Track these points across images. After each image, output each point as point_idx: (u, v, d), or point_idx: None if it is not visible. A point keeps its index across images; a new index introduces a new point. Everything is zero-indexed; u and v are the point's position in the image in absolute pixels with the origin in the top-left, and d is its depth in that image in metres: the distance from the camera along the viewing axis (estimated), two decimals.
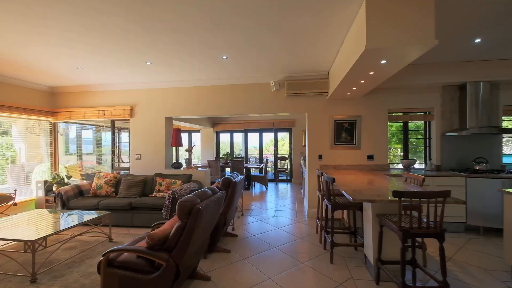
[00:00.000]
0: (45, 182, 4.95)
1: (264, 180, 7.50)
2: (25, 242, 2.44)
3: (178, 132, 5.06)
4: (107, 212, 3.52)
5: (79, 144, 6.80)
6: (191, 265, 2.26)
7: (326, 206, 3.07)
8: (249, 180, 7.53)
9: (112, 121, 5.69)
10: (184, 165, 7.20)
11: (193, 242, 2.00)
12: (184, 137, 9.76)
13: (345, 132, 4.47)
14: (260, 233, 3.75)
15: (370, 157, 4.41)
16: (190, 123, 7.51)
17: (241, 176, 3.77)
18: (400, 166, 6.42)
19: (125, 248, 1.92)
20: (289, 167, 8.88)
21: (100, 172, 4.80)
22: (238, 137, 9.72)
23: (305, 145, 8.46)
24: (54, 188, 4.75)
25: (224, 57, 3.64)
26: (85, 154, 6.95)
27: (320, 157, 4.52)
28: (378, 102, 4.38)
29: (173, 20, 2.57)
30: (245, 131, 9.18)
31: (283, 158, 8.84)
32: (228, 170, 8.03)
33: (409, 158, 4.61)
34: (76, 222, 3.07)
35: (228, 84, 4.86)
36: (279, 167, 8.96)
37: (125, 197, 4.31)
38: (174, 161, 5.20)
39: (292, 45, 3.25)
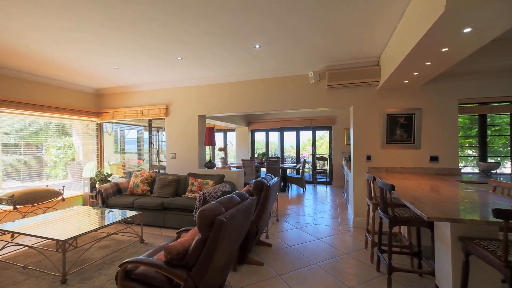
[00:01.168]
0: (90, 179, 5.23)
1: (301, 182, 6.97)
2: (57, 241, 2.43)
3: (211, 130, 4.89)
4: (139, 212, 3.47)
5: (124, 143, 7.18)
6: (216, 283, 1.94)
7: (381, 218, 2.49)
8: (285, 181, 7.08)
9: (150, 121, 5.80)
10: (219, 165, 7.08)
11: (216, 258, 1.68)
12: (219, 136, 9.73)
13: (401, 129, 3.74)
14: (297, 244, 3.31)
15: (434, 159, 3.61)
16: (225, 121, 7.36)
17: (275, 179, 3.37)
18: (469, 169, 5.29)
19: (142, 260, 1.69)
20: (328, 168, 8.17)
21: (138, 171, 4.88)
22: (274, 136, 9.33)
23: (348, 144, 7.68)
24: (97, 185, 4.98)
25: (257, 46, 3.28)
26: (133, 153, 7.33)
27: (368, 158, 3.87)
28: (445, 91, 3.55)
29: (199, 5, 2.30)
30: (281, 130, 8.73)
31: (322, 159, 8.16)
32: (263, 170, 7.70)
33: (489, 161, 3.66)
34: (109, 222, 3.05)
35: (261, 78, 4.50)
36: (317, 168, 8.32)
37: (159, 197, 4.26)
38: (208, 160, 5.05)
39: (336, 26, 2.73)
